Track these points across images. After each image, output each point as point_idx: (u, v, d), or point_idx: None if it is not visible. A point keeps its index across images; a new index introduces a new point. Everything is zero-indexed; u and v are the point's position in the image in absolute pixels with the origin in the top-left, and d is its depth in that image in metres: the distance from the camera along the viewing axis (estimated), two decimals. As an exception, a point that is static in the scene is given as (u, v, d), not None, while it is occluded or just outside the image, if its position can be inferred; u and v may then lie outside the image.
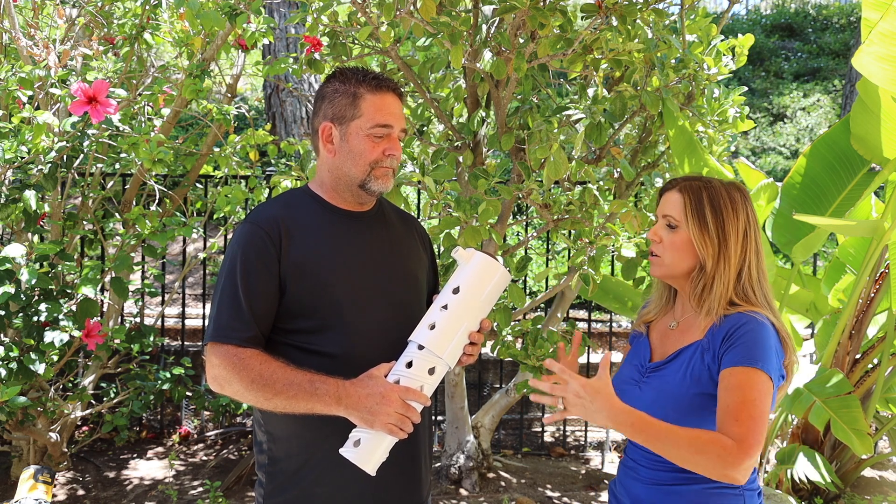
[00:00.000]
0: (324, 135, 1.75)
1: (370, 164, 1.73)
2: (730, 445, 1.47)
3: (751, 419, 1.49)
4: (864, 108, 3.61)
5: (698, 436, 1.49)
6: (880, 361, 3.80)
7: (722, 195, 1.65)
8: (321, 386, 1.59)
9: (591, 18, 2.73)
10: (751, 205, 1.68)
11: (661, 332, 1.76)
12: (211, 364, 1.65)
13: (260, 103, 9.27)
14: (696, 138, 3.43)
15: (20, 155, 3.36)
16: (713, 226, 1.63)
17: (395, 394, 1.57)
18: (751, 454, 1.48)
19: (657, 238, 1.69)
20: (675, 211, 1.67)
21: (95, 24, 3.85)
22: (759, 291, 1.65)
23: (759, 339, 1.56)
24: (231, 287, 1.66)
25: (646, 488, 1.68)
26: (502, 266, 1.68)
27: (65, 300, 3.47)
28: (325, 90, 1.77)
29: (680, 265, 1.67)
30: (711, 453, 1.47)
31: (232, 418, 4.86)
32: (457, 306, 1.62)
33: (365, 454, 1.58)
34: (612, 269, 5.25)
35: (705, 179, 1.69)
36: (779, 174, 8.56)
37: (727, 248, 1.63)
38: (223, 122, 3.77)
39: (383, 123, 1.72)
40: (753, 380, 1.52)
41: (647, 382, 1.68)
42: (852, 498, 3.98)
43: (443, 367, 1.62)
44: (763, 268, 1.67)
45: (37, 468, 2.31)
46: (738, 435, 1.48)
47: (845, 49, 11.80)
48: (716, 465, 1.48)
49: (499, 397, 4.28)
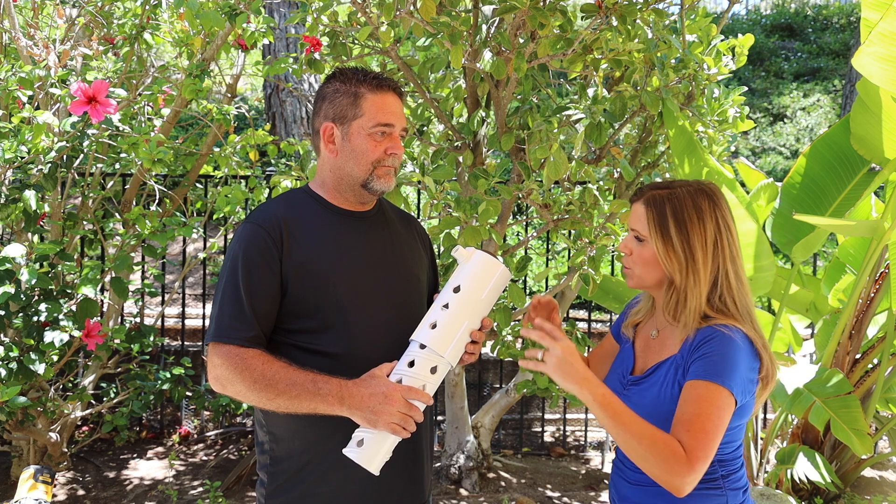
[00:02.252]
0: (325, 135, 1.75)
1: (372, 164, 1.73)
2: (680, 454, 1.46)
3: (703, 432, 1.48)
4: (864, 108, 3.61)
5: (656, 433, 1.48)
6: (880, 361, 3.80)
7: (686, 206, 1.60)
8: (324, 386, 1.58)
9: (591, 18, 2.73)
10: (721, 209, 1.62)
11: (644, 339, 1.74)
12: (213, 364, 1.64)
13: (260, 103, 9.27)
14: (696, 138, 3.43)
15: (20, 155, 3.36)
16: (677, 240, 1.59)
17: (398, 393, 1.56)
18: (695, 468, 1.46)
19: (627, 251, 1.67)
20: (639, 225, 1.64)
21: (95, 24, 3.85)
22: (737, 300, 1.60)
23: (724, 354, 1.53)
24: (233, 287, 1.66)
25: (631, 487, 1.68)
26: (502, 265, 1.68)
27: (65, 300, 3.47)
28: (325, 90, 1.77)
29: (649, 278, 1.65)
30: (661, 454, 1.46)
31: (232, 418, 4.86)
32: (458, 305, 1.62)
33: (368, 454, 1.57)
34: (612, 269, 5.25)
35: (671, 188, 1.63)
36: (779, 174, 8.56)
37: (694, 262, 1.59)
38: (223, 122, 3.77)
39: (385, 122, 1.72)
40: (713, 395, 1.50)
41: (627, 396, 1.66)
42: (852, 498, 3.98)
43: (445, 365, 1.62)
44: (741, 274, 1.62)
45: (37, 468, 2.31)
46: (688, 446, 1.47)
47: (845, 49, 11.81)
48: (661, 468, 1.46)
49: (499, 397, 4.28)
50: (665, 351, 1.66)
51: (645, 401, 1.62)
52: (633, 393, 1.66)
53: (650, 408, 1.60)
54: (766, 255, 3.47)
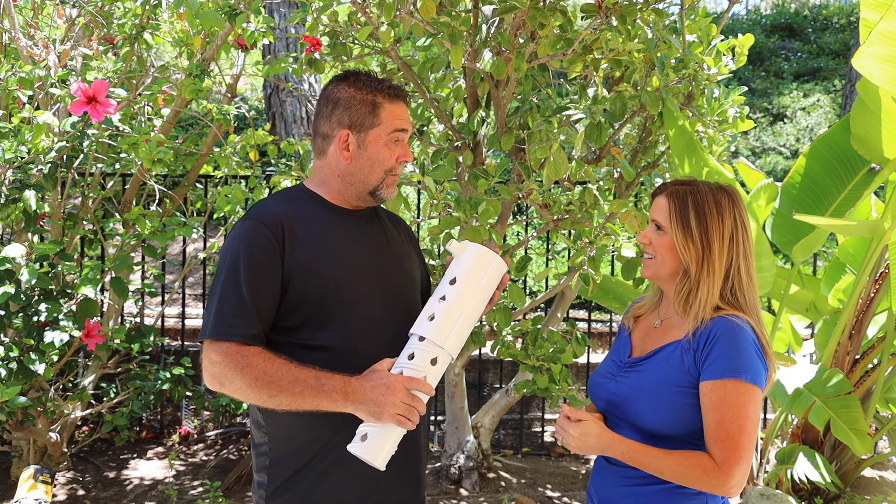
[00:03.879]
0: (340, 141, 1.75)
1: (385, 172, 1.76)
2: (710, 468, 1.57)
3: (729, 438, 1.56)
4: (864, 108, 3.61)
5: (681, 460, 1.59)
6: (880, 361, 3.80)
7: (707, 200, 1.67)
8: (327, 382, 1.58)
9: (591, 18, 2.73)
10: (739, 208, 1.70)
11: (644, 329, 1.80)
12: (210, 361, 1.62)
13: (260, 103, 9.27)
14: (696, 138, 3.43)
15: (20, 155, 3.36)
16: (697, 231, 1.66)
17: (400, 384, 1.57)
18: (732, 474, 1.56)
19: (646, 240, 1.73)
20: (661, 216, 1.71)
21: (95, 24, 3.85)
22: (747, 296, 1.67)
23: (737, 346, 1.59)
24: (234, 283, 1.65)
25: (611, 488, 1.72)
26: (497, 255, 1.70)
27: (65, 300, 3.47)
28: (337, 95, 1.77)
29: (665, 267, 1.71)
30: (694, 477, 1.58)
31: (232, 418, 4.86)
32: (455, 296, 1.64)
33: (373, 449, 1.57)
34: (612, 269, 5.25)
35: (694, 184, 1.71)
36: (779, 174, 8.56)
37: (711, 254, 1.65)
38: (223, 122, 3.77)
39: (401, 128, 1.77)
40: (730, 394, 1.57)
41: (624, 376, 1.72)
42: (852, 498, 3.98)
43: (445, 357, 1.63)
44: (752, 272, 1.69)
45: (37, 468, 2.31)
46: (719, 457, 1.56)
47: (845, 49, 11.80)
48: (701, 487, 1.59)
49: (499, 397, 4.28)
50: (668, 337, 1.71)
51: (644, 381, 1.68)
52: (630, 373, 1.72)
53: (649, 387, 1.66)
54: (766, 255, 3.47)
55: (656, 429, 1.64)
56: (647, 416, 1.64)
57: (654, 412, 1.63)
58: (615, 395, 1.71)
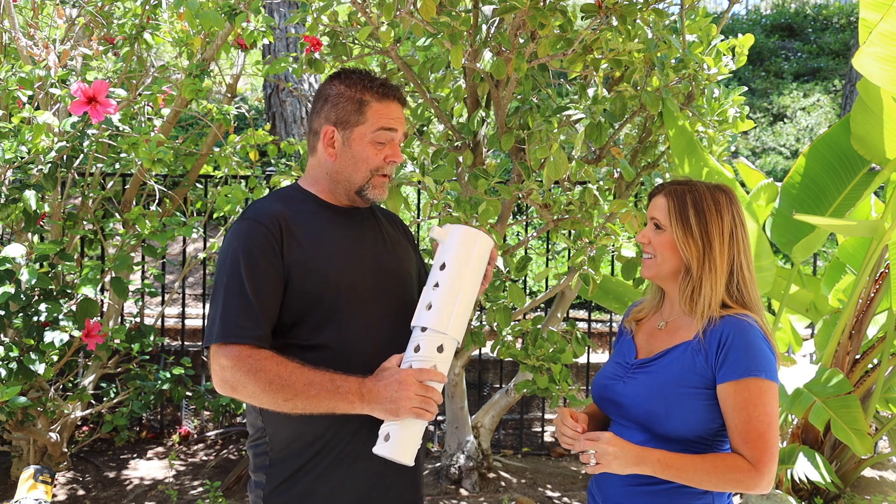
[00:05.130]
0: (325, 138, 1.75)
1: (371, 171, 1.74)
2: (745, 468, 1.57)
3: (759, 437, 1.57)
4: (864, 108, 3.61)
5: (716, 464, 1.58)
6: (880, 361, 3.80)
7: (706, 198, 1.68)
8: (343, 384, 1.58)
9: (591, 18, 2.73)
10: (737, 207, 1.71)
11: (648, 331, 1.79)
12: (220, 366, 1.59)
13: (260, 103, 9.27)
14: (696, 138, 3.43)
15: (20, 155, 3.36)
16: (697, 228, 1.66)
17: (412, 377, 1.57)
18: (766, 471, 1.57)
19: (645, 240, 1.74)
20: (660, 214, 1.71)
21: (95, 24, 3.85)
22: (751, 291, 1.68)
23: (750, 344, 1.60)
24: (237, 285, 1.63)
25: (615, 487, 1.71)
26: (482, 232, 1.70)
27: (65, 300, 3.47)
28: (328, 91, 1.77)
29: (666, 267, 1.71)
30: (730, 480, 1.57)
31: (232, 418, 4.86)
32: (448, 281, 1.64)
33: (399, 447, 1.57)
34: (612, 269, 5.25)
35: (690, 183, 1.72)
36: (779, 174, 8.56)
37: (711, 251, 1.66)
38: (223, 122, 3.77)
39: (387, 126, 1.74)
40: (752, 393, 1.57)
41: (633, 377, 1.71)
42: (852, 498, 3.98)
43: (450, 342, 1.62)
44: (752, 268, 1.71)
45: (37, 468, 2.31)
46: (752, 457, 1.57)
47: (845, 49, 11.80)
48: (737, 488, 1.59)
49: (499, 397, 4.28)
50: (676, 338, 1.70)
51: (654, 382, 1.66)
52: (638, 374, 1.71)
53: (660, 388, 1.65)
54: (766, 255, 3.47)
55: (668, 430, 1.63)
56: (658, 418, 1.63)
57: (666, 414, 1.62)
58: (623, 396, 1.70)
